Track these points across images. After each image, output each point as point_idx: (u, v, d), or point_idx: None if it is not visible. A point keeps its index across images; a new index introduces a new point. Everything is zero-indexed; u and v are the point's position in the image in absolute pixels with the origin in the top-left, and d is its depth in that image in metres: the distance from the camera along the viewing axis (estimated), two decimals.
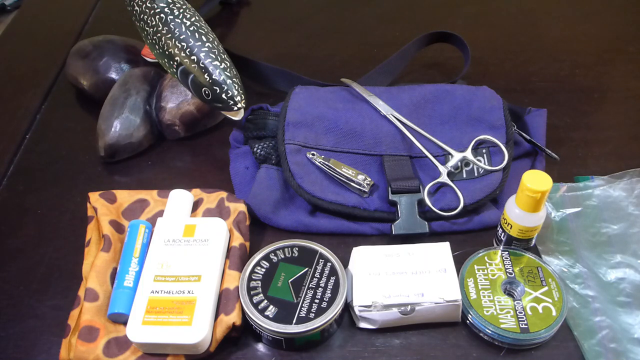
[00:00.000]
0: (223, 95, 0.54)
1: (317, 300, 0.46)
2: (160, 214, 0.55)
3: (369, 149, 0.58)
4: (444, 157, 0.58)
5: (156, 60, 0.64)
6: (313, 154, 0.57)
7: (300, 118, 0.59)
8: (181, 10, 0.58)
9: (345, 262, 0.51)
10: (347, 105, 0.61)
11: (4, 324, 0.49)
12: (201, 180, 0.61)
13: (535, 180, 0.47)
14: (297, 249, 0.50)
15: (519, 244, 0.52)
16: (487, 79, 0.73)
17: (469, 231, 0.56)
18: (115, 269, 0.50)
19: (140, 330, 0.45)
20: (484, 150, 0.58)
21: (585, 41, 0.80)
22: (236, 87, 0.55)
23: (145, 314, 0.46)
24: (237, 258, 0.51)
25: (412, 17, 0.86)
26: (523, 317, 0.46)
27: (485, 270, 0.50)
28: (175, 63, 0.57)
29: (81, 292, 0.49)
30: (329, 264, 0.49)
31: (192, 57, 0.55)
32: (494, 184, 0.56)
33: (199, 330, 0.44)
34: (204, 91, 0.55)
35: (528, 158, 0.61)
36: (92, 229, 0.54)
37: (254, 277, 0.48)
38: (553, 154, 0.60)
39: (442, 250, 0.50)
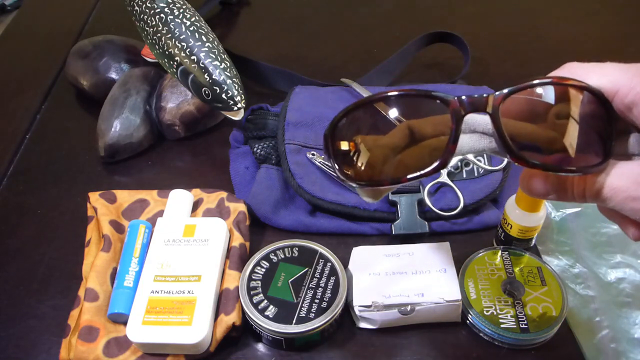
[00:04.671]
0: (223, 95, 0.54)
1: (317, 300, 0.46)
2: (160, 214, 0.55)
3: None
4: None
5: (156, 60, 0.64)
6: (313, 154, 0.57)
7: (300, 118, 0.59)
8: (181, 10, 0.58)
9: (345, 262, 0.51)
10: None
11: (4, 324, 0.49)
12: (201, 180, 0.61)
13: None
14: (297, 249, 0.50)
15: (519, 244, 0.52)
16: (487, 79, 0.73)
17: (469, 231, 0.56)
18: (115, 269, 0.50)
19: (140, 330, 0.45)
20: None
21: (585, 41, 0.80)
22: (236, 87, 0.55)
23: (145, 314, 0.46)
24: (237, 258, 0.51)
25: (412, 17, 0.86)
26: (523, 317, 0.46)
27: (485, 270, 0.50)
28: (175, 63, 0.57)
29: (81, 292, 0.49)
30: (329, 264, 0.49)
31: (192, 57, 0.55)
32: (494, 184, 0.56)
33: (199, 330, 0.44)
34: (204, 91, 0.55)
35: None
36: (92, 229, 0.54)
37: (254, 277, 0.48)
38: None
39: (442, 250, 0.50)
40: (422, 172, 0.30)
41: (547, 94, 0.30)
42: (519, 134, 0.30)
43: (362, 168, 0.32)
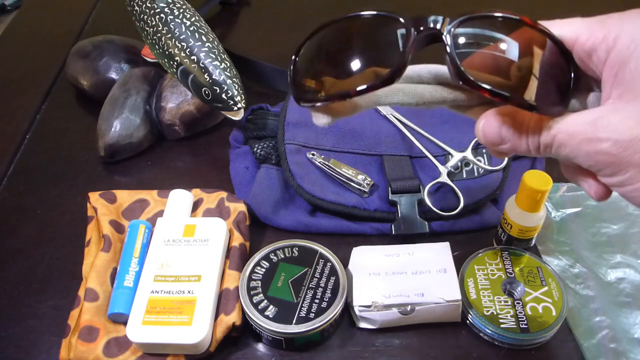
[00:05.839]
0: (223, 95, 0.54)
1: (317, 300, 0.46)
2: (160, 214, 0.55)
3: (369, 149, 0.58)
4: (444, 157, 0.58)
5: (156, 60, 0.64)
6: (313, 154, 0.57)
7: (300, 118, 0.59)
8: (181, 10, 0.58)
9: (345, 262, 0.51)
10: None
11: (4, 324, 0.49)
12: (201, 180, 0.61)
13: (535, 180, 0.47)
14: (297, 249, 0.50)
15: (519, 244, 0.52)
16: None
17: (469, 231, 0.56)
18: (115, 269, 0.50)
19: (140, 330, 0.45)
20: (484, 150, 0.58)
21: None
22: (236, 87, 0.55)
23: (145, 314, 0.46)
24: (237, 258, 0.51)
25: None
26: (523, 317, 0.46)
27: (485, 270, 0.50)
28: (175, 63, 0.57)
29: (81, 292, 0.49)
30: (329, 264, 0.49)
31: (192, 57, 0.55)
32: (494, 184, 0.56)
33: (199, 330, 0.44)
34: (204, 91, 0.55)
35: (528, 158, 0.61)
36: (92, 229, 0.54)
37: (254, 277, 0.48)
38: None
39: (442, 250, 0.50)
40: (372, 83, 0.29)
41: (509, 44, 0.30)
42: (477, 75, 0.29)
43: (318, 88, 0.32)
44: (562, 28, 0.30)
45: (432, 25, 0.30)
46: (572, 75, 0.30)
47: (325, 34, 0.32)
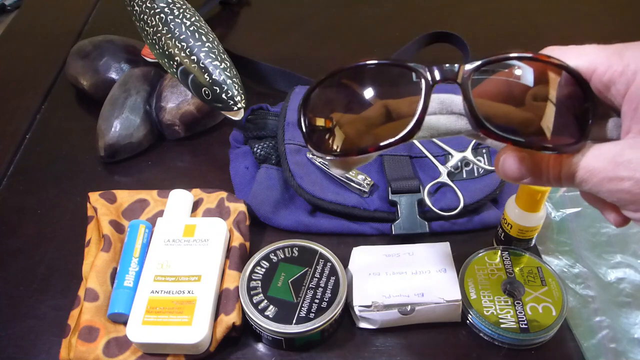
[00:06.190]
0: (223, 95, 0.54)
1: (317, 300, 0.46)
2: (160, 214, 0.55)
3: None
4: (444, 157, 0.58)
5: (156, 60, 0.64)
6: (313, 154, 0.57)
7: None
8: (181, 10, 0.58)
9: (345, 262, 0.51)
10: None
11: (4, 324, 0.49)
12: (201, 180, 0.61)
13: None
14: (297, 249, 0.50)
15: (519, 244, 0.52)
16: None
17: (469, 231, 0.56)
18: (115, 269, 0.50)
19: (140, 330, 0.45)
20: (484, 150, 0.58)
21: (585, 41, 0.80)
22: (236, 87, 0.55)
23: (145, 314, 0.46)
24: (237, 258, 0.51)
25: (412, 17, 0.86)
26: (523, 317, 0.46)
27: (485, 270, 0.50)
28: (175, 63, 0.57)
29: (81, 292, 0.49)
30: (329, 264, 0.49)
31: (192, 57, 0.55)
32: (494, 184, 0.56)
33: (199, 330, 0.45)
34: (204, 91, 0.55)
35: None
36: (92, 229, 0.54)
37: (254, 277, 0.48)
38: None
39: (442, 250, 0.50)
40: (390, 140, 0.29)
41: (524, 74, 0.30)
42: (493, 113, 0.28)
43: (334, 140, 0.31)
44: (579, 59, 0.29)
45: (448, 74, 0.29)
46: (591, 109, 0.29)
47: (336, 82, 0.32)
